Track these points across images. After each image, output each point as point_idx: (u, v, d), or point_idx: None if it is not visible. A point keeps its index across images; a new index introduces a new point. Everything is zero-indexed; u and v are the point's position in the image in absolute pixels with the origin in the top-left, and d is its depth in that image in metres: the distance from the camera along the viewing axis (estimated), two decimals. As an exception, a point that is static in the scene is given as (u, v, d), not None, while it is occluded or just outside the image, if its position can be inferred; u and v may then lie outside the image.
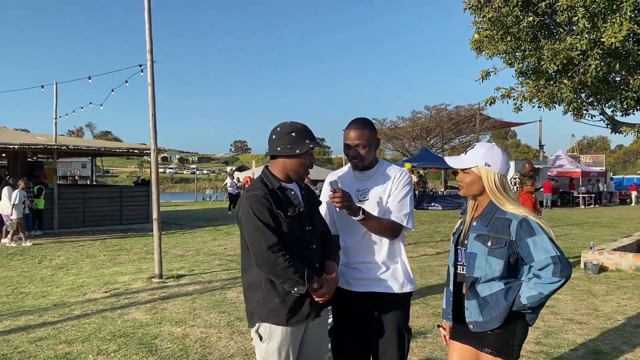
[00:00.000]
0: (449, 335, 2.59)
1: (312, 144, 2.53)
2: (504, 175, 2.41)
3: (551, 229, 2.34)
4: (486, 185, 2.39)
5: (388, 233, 2.71)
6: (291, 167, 2.54)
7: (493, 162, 2.39)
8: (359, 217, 2.59)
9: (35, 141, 15.33)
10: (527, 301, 2.26)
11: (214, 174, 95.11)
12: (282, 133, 2.53)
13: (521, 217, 2.30)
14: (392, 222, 2.70)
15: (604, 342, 4.93)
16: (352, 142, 2.72)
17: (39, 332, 5.23)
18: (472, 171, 2.42)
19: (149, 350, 4.65)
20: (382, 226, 2.68)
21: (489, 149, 2.43)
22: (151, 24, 8.16)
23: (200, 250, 10.89)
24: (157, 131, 8.21)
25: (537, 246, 2.24)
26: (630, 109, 9.44)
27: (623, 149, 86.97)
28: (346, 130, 2.76)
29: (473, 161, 2.42)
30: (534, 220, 2.30)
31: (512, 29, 7.92)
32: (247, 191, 2.54)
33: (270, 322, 2.46)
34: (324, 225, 2.73)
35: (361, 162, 2.76)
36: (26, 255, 10.33)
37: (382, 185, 2.78)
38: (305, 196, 2.63)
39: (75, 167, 63.23)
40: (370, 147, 2.75)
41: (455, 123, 38.83)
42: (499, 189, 2.37)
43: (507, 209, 2.35)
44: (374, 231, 2.69)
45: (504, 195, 2.37)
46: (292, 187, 2.59)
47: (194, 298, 6.62)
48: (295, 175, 2.58)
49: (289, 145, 2.50)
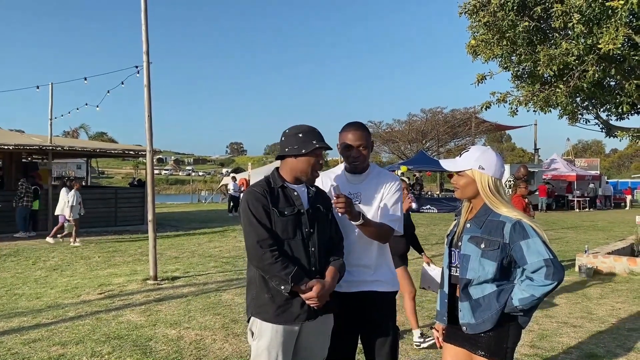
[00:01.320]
0: (442, 338, 2.60)
1: (318, 144, 2.57)
2: (498, 178, 2.43)
3: (546, 232, 2.36)
4: (480, 188, 2.41)
5: (382, 237, 2.77)
6: (298, 167, 2.58)
7: (487, 165, 2.41)
8: (359, 222, 2.61)
9: (30, 142, 15.26)
10: (518, 303, 2.27)
11: (210, 175, 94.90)
12: (289, 135, 2.60)
13: (515, 220, 2.32)
14: (386, 227, 2.75)
15: (598, 345, 4.95)
16: (354, 143, 2.75)
17: (33, 333, 5.20)
18: (466, 174, 2.44)
19: (143, 352, 4.63)
20: (378, 231, 2.73)
21: (484, 153, 2.46)
22: (147, 25, 8.15)
23: (195, 252, 10.87)
24: (152, 132, 8.20)
25: (531, 249, 2.26)
26: (625, 114, 9.48)
27: (617, 153, 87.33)
28: (344, 132, 2.80)
29: (467, 164, 2.44)
30: (528, 223, 2.32)
31: (507, 33, 7.93)
32: (248, 188, 2.62)
33: (259, 317, 2.51)
34: (336, 231, 2.72)
35: (361, 164, 2.80)
36: (20, 256, 10.28)
37: (374, 189, 2.82)
38: (311, 199, 2.64)
39: (70, 168, 62.97)
40: (369, 149, 2.81)
41: (451, 126, 38.98)
42: (493, 192, 2.39)
43: (501, 211, 2.36)
44: (369, 235, 2.73)
45: (497, 198, 2.39)
46: (296, 188, 2.61)
47: (189, 300, 6.60)
48: (304, 176, 2.61)
49: (295, 146, 2.55)
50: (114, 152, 17.64)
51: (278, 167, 2.69)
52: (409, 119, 40.70)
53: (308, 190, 2.66)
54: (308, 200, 2.62)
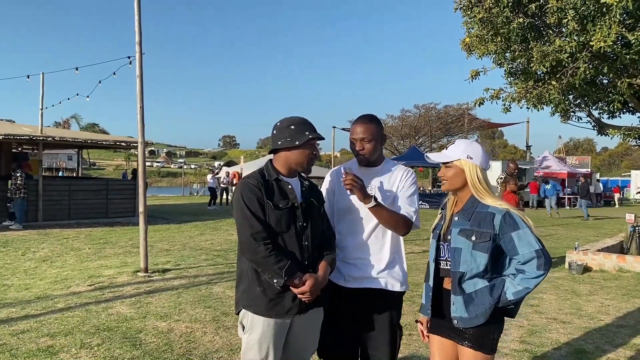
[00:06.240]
0: (427, 330, 2.63)
1: (312, 135, 2.55)
2: (485, 169, 2.47)
3: (536, 229, 2.37)
4: (468, 178, 2.43)
5: (399, 226, 2.69)
6: (293, 158, 2.56)
7: (474, 155, 2.45)
8: (371, 204, 2.58)
9: (21, 132, 15.11)
10: (513, 297, 2.30)
11: (202, 168, 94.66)
12: (281, 127, 2.58)
13: (504, 211, 2.35)
14: (403, 216, 2.69)
15: (587, 341, 4.99)
16: (357, 136, 2.73)
17: (21, 324, 5.16)
18: (455, 164, 2.47)
19: (133, 345, 4.61)
20: (394, 218, 2.67)
21: (469, 144, 2.51)
22: (140, 15, 8.07)
23: (186, 245, 10.83)
24: (144, 124, 8.14)
25: (522, 240, 2.29)
26: (617, 112, 9.54)
27: (608, 152, 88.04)
28: (353, 125, 2.78)
29: (455, 154, 2.47)
30: (517, 214, 2.36)
31: (502, 30, 7.94)
32: (242, 179, 2.58)
33: (250, 310, 2.48)
34: (328, 226, 2.70)
35: (366, 157, 2.75)
36: (9, 247, 10.20)
37: (388, 182, 2.78)
38: (305, 192, 2.62)
39: (61, 159, 62.53)
40: (377, 143, 2.75)
41: (443, 122, 39.07)
42: (481, 181, 2.43)
43: (488, 202, 2.40)
44: (384, 222, 2.67)
45: (484, 188, 2.43)
46: (290, 182, 2.59)
47: (180, 293, 6.58)
48: (299, 167, 2.59)
49: (288, 138, 2.53)
50: (106, 143, 17.50)
51: (271, 159, 2.66)
52: (402, 114, 40.77)
53: (302, 184, 2.65)
54: (301, 193, 2.61)
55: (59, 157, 62.31)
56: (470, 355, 2.38)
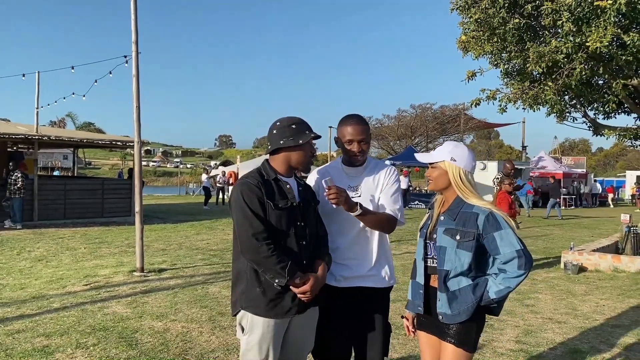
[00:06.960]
0: (412, 327, 2.71)
1: (312, 134, 2.59)
2: (469, 171, 2.54)
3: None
4: (452, 179, 2.52)
5: (385, 226, 2.76)
6: (295, 158, 2.58)
7: (459, 157, 2.52)
8: (357, 212, 2.61)
9: (16, 131, 15.06)
10: (495, 296, 2.38)
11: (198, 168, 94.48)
12: (282, 126, 2.57)
13: (488, 212, 2.43)
14: (388, 215, 2.75)
15: (583, 341, 5.01)
16: (355, 138, 2.73)
17: (17, 324, 5.14)
18: (439, 165, 2.56)
19: (129, 344, 4.60)
20: (380, 220, 2.73)
21: (456, 146, 2.59)
22: (137, 14, 8.06)
23: (182, 245, 10.81)
24: (141, 123, 8.13)
25: (504, 240, 2.37)
26: (612, 112, 9.59)
27: (603, 152, 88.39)
28: (345, 126, 2.75)
29: (440, 156, 2.56)
30: (499, 214, 2.44)
31: (498, 30, 7.97)
32: (241, 179, 2.57)
33: (249, 310, 2.47)
34: (321, 224, 2.72)
35: (362, 158, 2.80)
36: (4, 247, 10.16)
37: (373, 181, 2.83)
38: (301, 192, 2.63)
39: (57, 159, 62.30)
40: (369, 143, 2.83)
41: (440, 123, 39.15)
42: (464, 182, 2.51)
43: (472, 202, 2.47)
44: (371, 225, 2.73)
45: (468, 188, 2.51)
46: (288, 181, 2.60)
47: (176, 292, 6.57)
48: (300, 166, 2.61)
49: (291, 137, 2.54)
50: (102, 142, 17.46)
51: (268, 159, 2.66)
52: (398, 114, 40.84)
53: (298, 184, 2.66)
54: (298, 193, 2.61)
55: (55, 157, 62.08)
56: (452, 351, 2.46)
